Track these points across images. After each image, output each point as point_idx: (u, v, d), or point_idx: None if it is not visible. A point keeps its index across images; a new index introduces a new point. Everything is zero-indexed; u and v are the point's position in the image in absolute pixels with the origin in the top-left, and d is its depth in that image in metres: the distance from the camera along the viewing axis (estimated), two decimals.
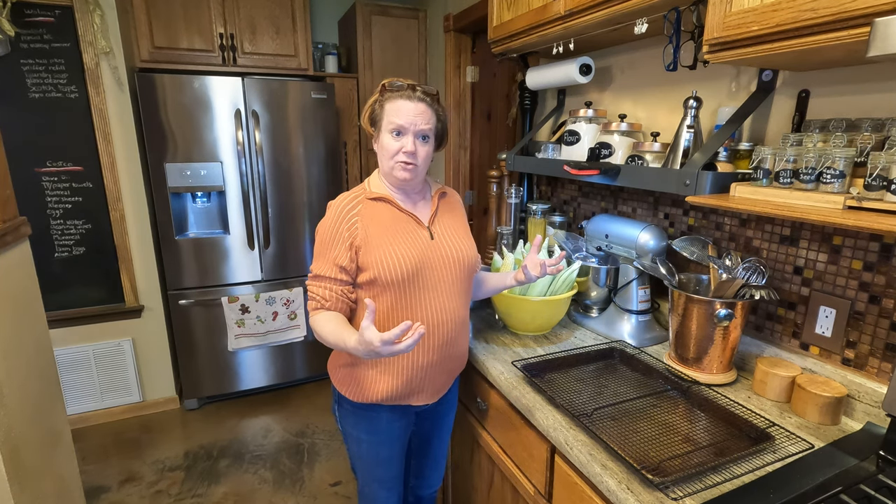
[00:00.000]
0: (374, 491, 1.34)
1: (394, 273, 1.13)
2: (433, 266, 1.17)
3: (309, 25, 2.80)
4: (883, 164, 0.86)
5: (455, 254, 1.20)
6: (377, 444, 1.28)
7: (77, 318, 2.51)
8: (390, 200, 1.19)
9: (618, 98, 1.71)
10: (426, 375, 1.21)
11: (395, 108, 1.11)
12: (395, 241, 1.15)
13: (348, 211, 1.16)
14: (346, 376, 1.24)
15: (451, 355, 1.24)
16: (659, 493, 0.84)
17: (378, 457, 1.30)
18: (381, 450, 1.29)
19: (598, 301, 1.60)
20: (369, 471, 1.32)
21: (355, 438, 1.29)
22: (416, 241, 1.17)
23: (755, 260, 1.18)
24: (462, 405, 1.55)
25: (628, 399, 1.14)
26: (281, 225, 2.74)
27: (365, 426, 1.26)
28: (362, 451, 1.30)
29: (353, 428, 1.28)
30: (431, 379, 1.23)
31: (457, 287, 1.21)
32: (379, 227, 1.16)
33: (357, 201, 1.17)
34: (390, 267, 1.12)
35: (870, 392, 1.04)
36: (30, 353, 1.42)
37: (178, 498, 2.12)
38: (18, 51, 2.20)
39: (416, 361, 1.18)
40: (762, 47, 0.92)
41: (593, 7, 1.28)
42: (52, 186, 2.36)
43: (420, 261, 1.15)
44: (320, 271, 1.15)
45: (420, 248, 1.16)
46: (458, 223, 1.28)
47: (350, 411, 1.26)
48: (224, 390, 2.82)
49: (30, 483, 1.34)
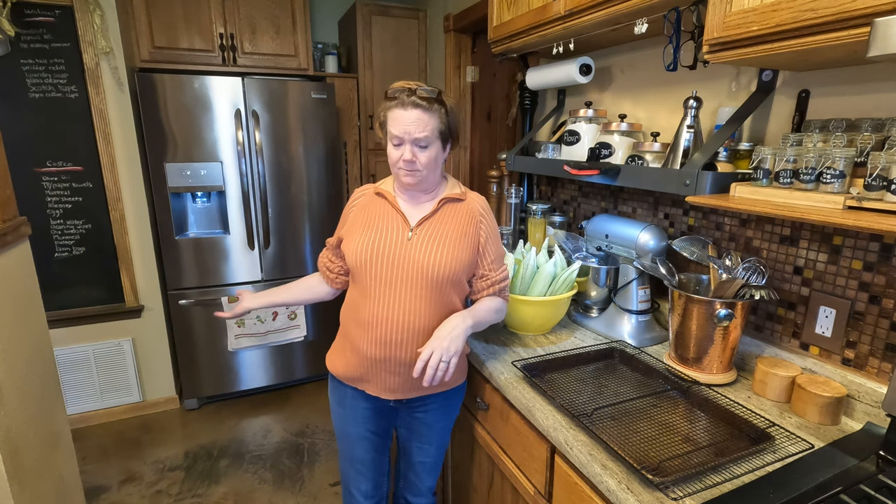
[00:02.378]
0: (346, 468, 1.40)
1: (353, 257, 1.20)
2: (399, 265, 1.17)
3: (309, 25, 2.80)
4: (883, 164, 0.86)
5: (425, 260, 1.16)
6: (343, 417, 1.35)
7: (77, 318, 2.51)
8: (387, 197, 1.24)
9: (618, 98, 1.71)
10: (371, 368, 1.23)
11: (393, 118, 1.13)
12: (369, 232, 1.21)
13: (353, 200, 1.30)
14: (333, 345, 1.37)
15: (402, 360, 1.20)
16: (659, 493, 0.84)
17: (346, 430, 1.36)
18: (347, 425, 1.35)
19: (598, 301, 1.60)
20: (341, 443, 1.39)
21: (331, 406, 1.39)
22: (390, 237, 1.19)
23: (755, 260, 1.18)
24: (462, 405, 1.54)
25: (628, 399, 1.14)
26: (281, 225, 2.74)
27: (336, 396, 1.36)
28: (335, 420, 1.39)
29: (331, 395, 1.39)
30: (377, 374, 1.23)
31: (419, 293, 1.17)
32: (366, 217, 1.24)
33: (364, 192, 1.30)
34: (353, 251, 1.21)
35: (870, 392, 1.04)
36: (30, 353, 1.42)
37: (178, 498, 2.12)
38: (18, 51, 2.20)
39: (361, 349, 1.23)
40: (762, 47, 0.92)
41: (593, 7, 1.28)
42: (52, 186, 2.36)
43: (381, 255, 1.18)
44: (329, 241, 1.36)
45: (389, 243, 1.18)
46: (454, 233, 1.20)
47: (330, 378, 1.37)
48: (224, 390, 2.82)
49: (30, 483, 1.34)
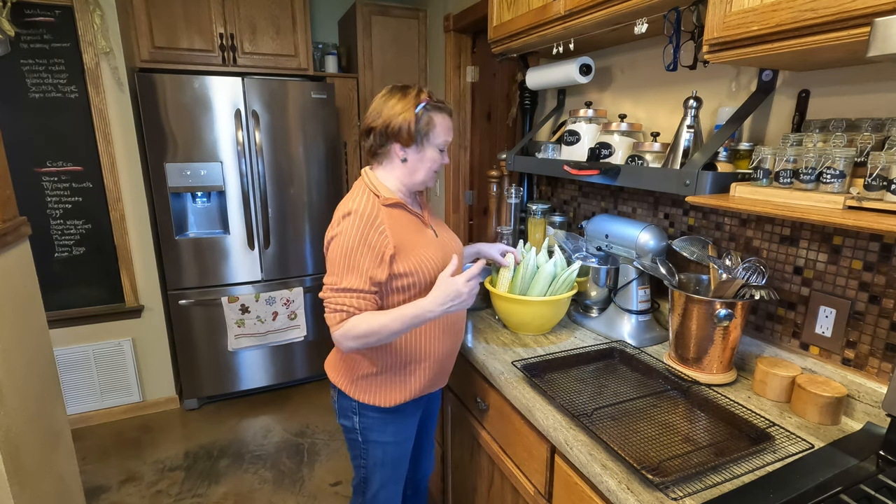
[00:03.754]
0: (394, 492, 1.35)
1: (432, 273, 1.17)
2: (446, 261, 1.23)
3: (309, 25, 2.80)
4: (883, 164, 0.86)
5: (455, 246, 1.30)
6: (404, 442, 1.31)
7: (77, 318, 2.51)
8: (403, 205, 1.19)
9: (618, 98, 1.71)
10: (447, 361, 1.30)
11: (443, 125, 1.18)
12: (422, 243, 1.19)
13: (374, 219, 1.10)
14: (369, 385, 1.22)
15: (461, 338, 1.34)
16: (659, 493, 0.84)
17: (403, 455, 1.33)
18: (406, 447, 1.33)
19: (598, 301, 1.60)
20: (391, 473, 1.32)
21: (382, 444, 1.27)
22: (431, 239, 1.23)
23: (755, 260, 1.18)
24: (462, 405, 1.55)
25: (628, 399, 1.14)
26: (281, 225, 2.73)
27: (393, 429, 1.27)
28: (388, 456, 1.29)
29: (381, 434, 1.26)
30: (445, 368, 1.32)
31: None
32: (405, 232, 1.16)
33: (377, 209, 1.13)
34: (429, 268, 1.17)
35: (870, 392, 1.04)
36: (30, 353, 1.42)
37: (178, 498, 2.12)
38: (18, 51, 2.20)
39: (439, 349, 1.25)
40: (762, 47, 0.92)
41: (593, 7, 1.28)
42: (52, 186, 2.37)
43: (442, 257, 1.22)
44: (352, 285, 1.08)
45: (435, 245, 1.23)
46: (440, 219, 1.37)
47: (377, 419, 1.24)
48: (224, 390, 2.82)
49: (30, 483, 1.34)
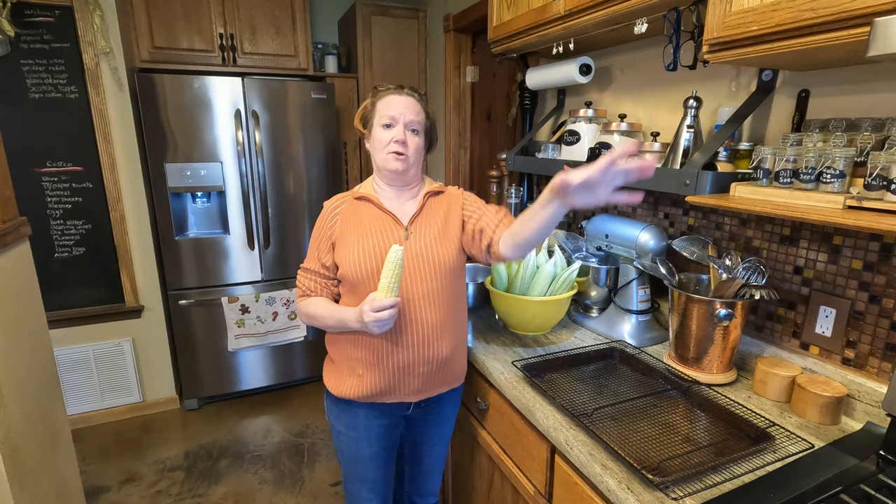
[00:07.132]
0: (357, 489, 1.35)
1: (358, 269, 1.15)
2: (405, 266, 1.15)
3: (309, 25, 2.80)
4: (883, 164, 0.86)
5: (428, 254, 1.17)
6: (356, 440, 1.29)
7: (77, 318, 2.51)
8: (372, 199, 1.21)
9: (618, 98, 1.71)
10: (396, 375, 1.19)
11: (386, 103, 1.16)
12: (365, 239, 1.17)
13: (333, 209, 1.23)
14: (329, 368, 1.30)
15: (428, 358, 1.19)
16: (659, 493, 0.84)
17: (357, 453, 1.30)
18: (360, 446, 1.29)
19: (598, 301, 1.60)
20: (351, 467, 1.33)
21: (337, 431, 1.32)
22: (388, 239, 1.17)
23: (755, 260, 1.18)
24: (462, 405, 1.54)
25: (628, 399, 1.13)
26: (281, 225, 2.74)
27: (344, 420, 1.28)
28: (342, 445, 1.32)
29: (335, 420, 1.31)
30: (402, 380, 1.20)
31: (432, 287, 1.17)
32: (355, 224, 1.19)
33: (343, 200, 1.23)
34: (355, 263, 1.15)
35: (870, 392, 1.04)
36: (30, 354, 1.42)
37: (178, 498, 2.12)
38: (18, 51, 2.20)
39: (382, 361, 1.18)
40: (762, 47, 0.92)
41: (593, 7, 1.28)
42: (52, 186, 2.36)
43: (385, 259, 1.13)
44: (307, 265, 1.26)
45: (383, 246, 1.16)
46: (444, 224, 1.21)
47: (333, 402, 1.30)
48: (224, 390, 2.82)
49: (30, 483, 1.34)
